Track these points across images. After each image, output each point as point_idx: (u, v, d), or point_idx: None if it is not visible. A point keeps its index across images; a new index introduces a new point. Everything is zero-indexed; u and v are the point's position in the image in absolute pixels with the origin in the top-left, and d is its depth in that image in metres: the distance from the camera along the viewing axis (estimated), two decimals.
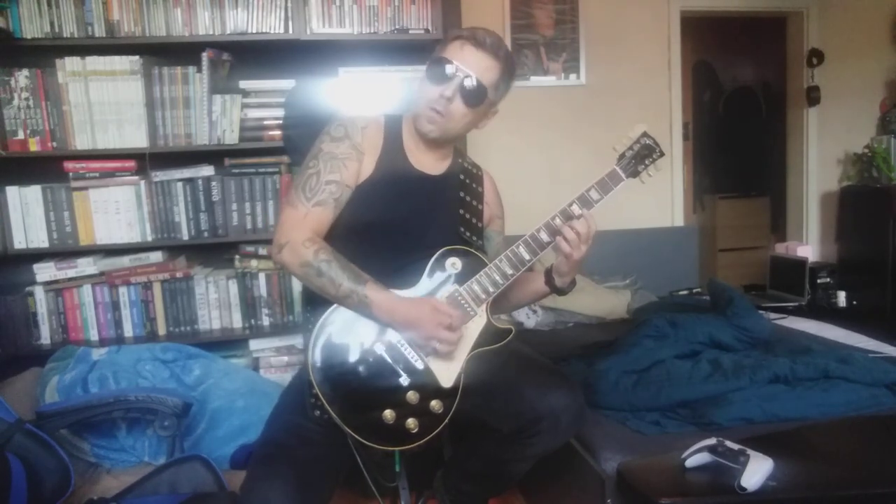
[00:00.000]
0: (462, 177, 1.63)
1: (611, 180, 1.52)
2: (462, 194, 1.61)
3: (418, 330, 1.41)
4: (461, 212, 1.59)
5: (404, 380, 1.42)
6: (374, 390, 1.41)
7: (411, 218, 1.53)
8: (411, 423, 1.40)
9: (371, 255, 1.47)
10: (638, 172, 1.55)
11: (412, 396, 1.42)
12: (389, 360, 1.42)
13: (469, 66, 1.47)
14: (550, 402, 1.40)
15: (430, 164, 1.59)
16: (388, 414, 1.39)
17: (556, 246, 1.49)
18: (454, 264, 1.50)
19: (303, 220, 1.43)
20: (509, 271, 1.48)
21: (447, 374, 1.45)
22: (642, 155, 1.54)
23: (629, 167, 1.53)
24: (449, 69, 1.47)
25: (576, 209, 1.49)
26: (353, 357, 1.41)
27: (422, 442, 1.41)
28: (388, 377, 1.42)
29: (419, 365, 1.43)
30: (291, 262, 1.41)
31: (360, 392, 1.40)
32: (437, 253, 1.49)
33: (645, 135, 1.56)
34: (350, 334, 1.42)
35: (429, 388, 1.43)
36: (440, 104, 1.48)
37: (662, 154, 1.57)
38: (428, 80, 1.49)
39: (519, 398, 1.43)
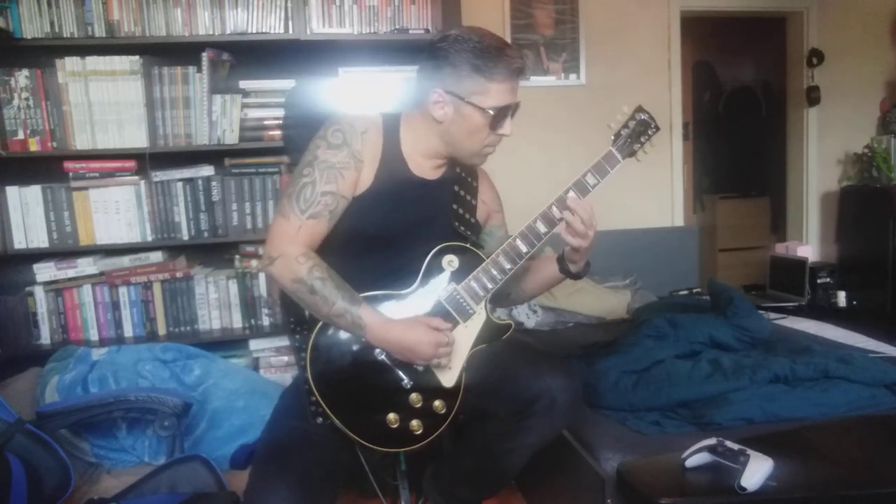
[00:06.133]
0: (458, 170, 1.58)
1: (607, 163, 1.48)
2: (456, 188, 1.57)
3: (416, 353, 1.38)
4: (454, 206, 1.55)
5: (406, 382, 1.41)
6: (375, 394, 1.40)
7: (409, 227, 1.49)
8: (415, 424, 1.40)
9: (366, 263, 1.45)
10: (634, 151, 1.52)
11: (415, 398, 1.41)
12: (389, 362, 1.41)
13: (517, 95, 1.45)
14: (547, 381, 1.38)
15: (429, 169, 1.53)
16: (392, 417, 1.39)
17: (563, 240, 1.45)
18: (451, 262, 1.47)
19: (296, 234, 1.38)
20: (507, 265, 1.45)
21: (449, 374, 1.44)
22: (638, 132, 1.51)
23: (625, 147, 1.50)
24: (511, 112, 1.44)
25: (572, 196, 1.45)
26: (352, 362, 1.40)
27: (426, 442, 1.41)
28: (389, 381, 1.41)
29: (419, 367, 1.42)
30: (283, 276, 1.37)
31: (361, 397, 1.39)
32: (433, 251, 1.46)
33: (640, 109, 1.52)
34: (348, 340, 1.41)
35: (431, 388, 1.43)
36: (497, 142, 1.47)
37: (658, 129, 1.53)
38: (489, 127, 1.42)
39: (514, 380, 1.41)
